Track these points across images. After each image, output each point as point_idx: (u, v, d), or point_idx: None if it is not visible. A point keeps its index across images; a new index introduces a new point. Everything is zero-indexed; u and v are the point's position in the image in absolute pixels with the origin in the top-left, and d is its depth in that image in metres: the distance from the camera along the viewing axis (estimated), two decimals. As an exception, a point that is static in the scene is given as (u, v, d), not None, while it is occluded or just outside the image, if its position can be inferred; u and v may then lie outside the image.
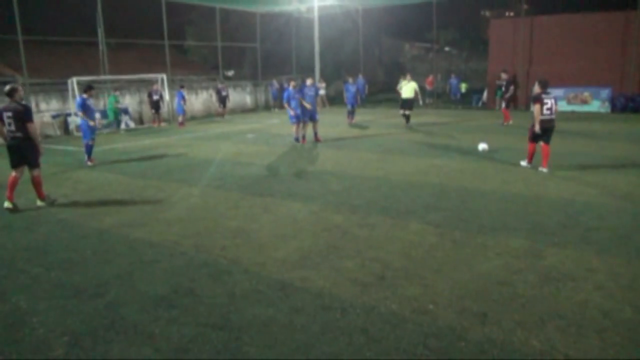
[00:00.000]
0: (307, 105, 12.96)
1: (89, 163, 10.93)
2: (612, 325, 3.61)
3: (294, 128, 13.32)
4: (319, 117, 13.79)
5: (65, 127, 17.21)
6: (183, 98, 18.79)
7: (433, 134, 14.70)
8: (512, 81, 15.70)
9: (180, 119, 18.96)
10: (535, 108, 8.86)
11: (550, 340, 3.44)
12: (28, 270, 5.00)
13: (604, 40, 20.13)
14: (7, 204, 7.19)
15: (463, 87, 20.53)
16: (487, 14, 46.43)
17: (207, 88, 23.60)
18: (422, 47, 45.59)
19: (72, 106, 15.61)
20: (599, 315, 3.75)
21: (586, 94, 20.38)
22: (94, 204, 7.58)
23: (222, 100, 21.58)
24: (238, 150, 12.61)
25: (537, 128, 8.81)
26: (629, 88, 19.54)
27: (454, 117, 19.42)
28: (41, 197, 7.55)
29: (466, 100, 24.50)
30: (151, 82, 19.54)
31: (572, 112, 19.99)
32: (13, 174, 7.30)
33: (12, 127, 7.07)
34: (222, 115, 21.71)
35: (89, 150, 10.98)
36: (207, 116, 22.41)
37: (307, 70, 26.96)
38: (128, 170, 10.36)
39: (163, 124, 19.25)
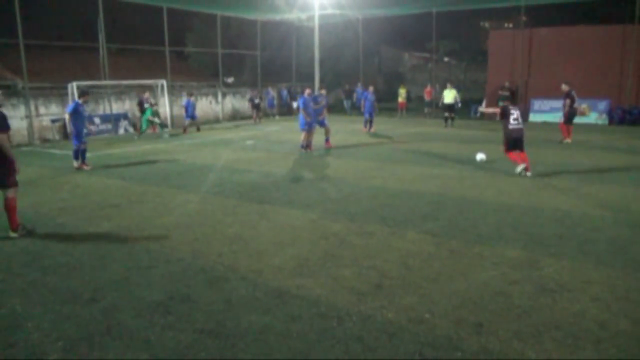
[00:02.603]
0: (307, 118, 13.09)
1: (85, 167, 10.89)
2: (608, 336, 3.62)
3: (302, 135, 13.34)
4: (327, 123, 14.00)
5: (64, 131, 17.22)
6: (193, 106, 19.10)
7: (431, 143, 14.74)
8: (568, 94, 14.81)
9: (186, 123, 19.22)
10: (503, 121, 9.58)
11: (547, 351, 3.44)
12: (24, 275, 4.98)
13: (602, 53, 20.31)
14: None
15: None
16: (487, 25, 46.79)
17: (207, 94, 23.66)
18: (422, 57, 45.81)
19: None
20: (595, 327, 3.75)
21: (584, 105, 20.39)
22: (92, 209, 7.57)
23: (256, 106, 22.19)
24: (237, 156, 12.63)
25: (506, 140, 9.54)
26: (627, 101, 19.67)
27: (451, 128, 19.49)
28: (14, 226, 6.12)
29: (462, 111, 24.47)
30: (150, 88, 19.60)
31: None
32: None
33: None
34: (255, 120, 22.23)
35: (76, 154, 10.95)
36: (206, 122, 22.44)
37: (306, 78, 27.07)
38: (126, 175, 10.36)
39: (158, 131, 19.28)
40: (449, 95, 19.84)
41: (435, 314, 3.98)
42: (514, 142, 9.43)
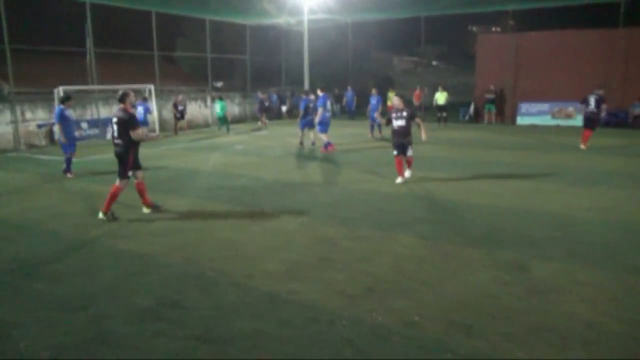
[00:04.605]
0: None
1: (69, 175, 10.65)
2: (596, 337, 3.66)
3: (324, 136, 13.78)
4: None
5: (51, 136, 17.05)
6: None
7: (421, 146, 14.80)
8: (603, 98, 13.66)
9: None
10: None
11: (536, 352, 3.47)
12: (11, 282, 4.93)
13: (588, 57, 20.57)
14: None
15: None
16: (475, 29, 47.22)
17: (195, 99, 23.60)
18: (411, 61, 46.13)
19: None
20: (583, 328, 3.80)
21: (570, 108, 20.76)
22: (80, 215, 7.51)
23: (265, 110, 22.16)
24: (227, 161, 12.60)
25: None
26: (612, 104, 19.92)
27: (440, 131, 19.62)
28: None
29: (452, 114, 24.68)
30: (139, 92, 19.50)
31: (557, 126, 20.35)
32: None
33: None
34: (264, 124, 22.02)
35: (69, 163, 10.71)
36: (196, 127, 22.37)
37: (296, 82, 27.13)
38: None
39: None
40: (442, 97, 21.31)
41: (426, 317, 4.00)
42: (395, 146, 9.31)
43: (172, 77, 25.60)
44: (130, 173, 7.18)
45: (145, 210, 7.46)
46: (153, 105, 19.69)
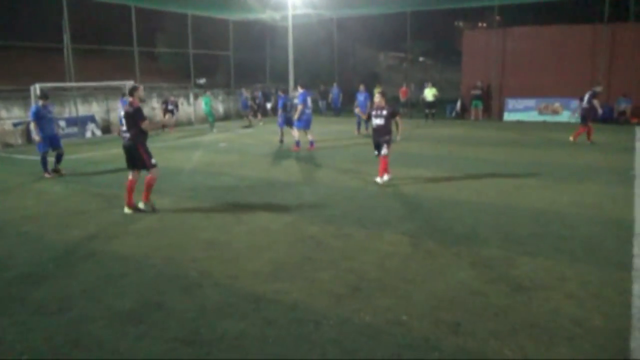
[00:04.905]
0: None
1: (46, 175, 10.48)
2: (582, 332, 3.72)
3: (296, 134, 13.79)
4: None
5: (27, 135, 16.77)
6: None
7: (407, 143, 14.88)
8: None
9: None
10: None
11: (523, 349, 3.52)
12: (-14, 286, 4.84)
13: (574, 53, 20.89)
14: None
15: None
16: (461, 25, 47.53)
17: (177, 96, 23.41)
18: (397, 57, 46.27)
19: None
20: (569, 324, 3.86)
21: (557, 104, 21.10)
22: (59, 216, 7.40)
23: (257, 107, 21.84)
24: (210, 159, 12.53)
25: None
26: (598, 99, 20.24)
27: (427, 128, 19.75)
28: None
29: (439, 111, 24.88)
30: (120, 89, 19.30)
31: (544, 122, 20.64)
32: None
33: None
34: (255, 121, 21.74)
35: (45, 162, 10.50)
36: (179, 125, 22.19)
37: (281, 79, 27.04)
38: (95, 180, 10.17)
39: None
40: (430, 93, 21.37)
41: (413, 315, 4.03)
42: (374, 144, 9.20)
43: (153, 74, 25.39)
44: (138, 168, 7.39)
45: (127, 210, 7.39)
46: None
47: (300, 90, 14.00)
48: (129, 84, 19.23)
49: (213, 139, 17.18)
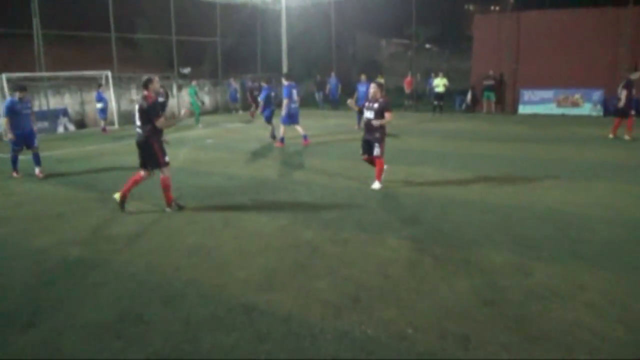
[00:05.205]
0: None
1: (41, 175, 10.43)
2: (603, 345, 3.74)
3: (282, 129, 13.92)
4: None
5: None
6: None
7: (412, 139, 14.93)
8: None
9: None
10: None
11: (538, 363, 3.54)
12: (-51, 297, 4.83)
13: (595, 39, 20.75)
14: None
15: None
16: (471, 8, 47.57)
17: (162, 87, 23.40)
18: (401, 44, 46.27)
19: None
20: (589, 336, 3.88)
21: (577, 96, 21.08)
22: (28, 220, 7.39)
23: (255, 100, 21.63)
24: (196, 157, 12.53)
25: None
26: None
27: (435, 122, 19.80)
28: None
29: (447, 103, 24.97)
30: (95, 79, 19.28)
31: (562, 116, 20.67)
32: None
33: None
34: (252, 115, 21.68)
35: (15, 161, 10.48)
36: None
37: (273, 68, 27.03)
38: (70, 180, 10.15)
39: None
40: (440, 83, 21.99)
41: (418, 328, 4.05)
42: (363, 143, 8.88)
43: (132, 63, 25.29)
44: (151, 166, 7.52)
45: (116, 196, 7.56)
46: (111, 94, 19.49)
47: (285, 82, 13.90)
48: (105, 73, 19.28)
49: (199, 134, 17.18)
